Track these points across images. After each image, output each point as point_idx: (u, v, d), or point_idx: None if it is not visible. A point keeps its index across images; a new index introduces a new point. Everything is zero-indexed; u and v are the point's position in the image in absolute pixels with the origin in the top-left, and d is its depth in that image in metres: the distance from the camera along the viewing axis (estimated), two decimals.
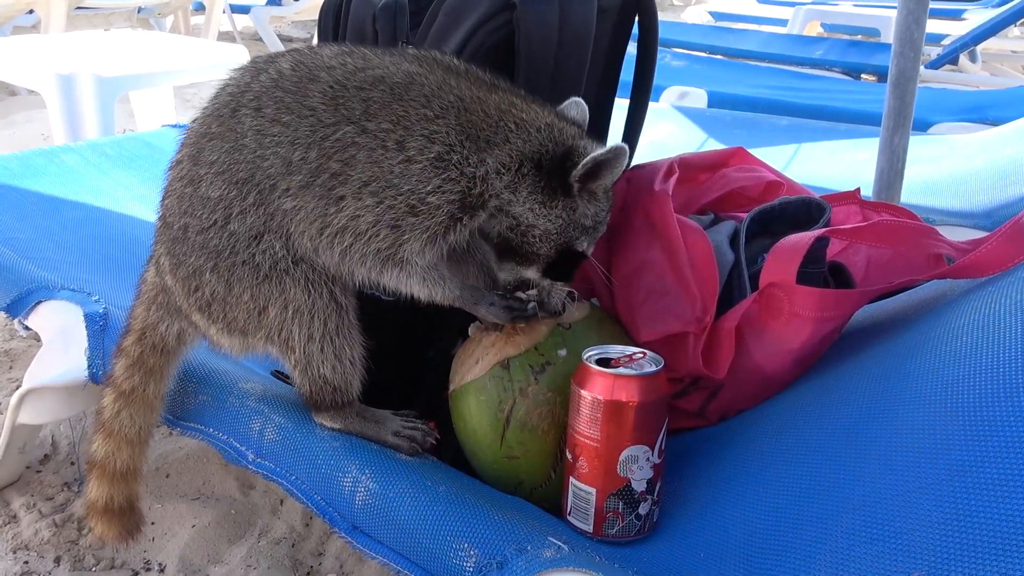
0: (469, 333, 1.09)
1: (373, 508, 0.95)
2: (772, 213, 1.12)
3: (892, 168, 1.58)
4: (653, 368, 0.90)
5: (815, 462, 0.88)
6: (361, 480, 0.97)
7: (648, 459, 0.89)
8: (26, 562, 1.40)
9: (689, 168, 1.20)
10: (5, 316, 1.57)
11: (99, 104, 2.33)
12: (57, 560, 1.41)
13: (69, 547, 1.43)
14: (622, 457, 0.88)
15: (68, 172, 2.03)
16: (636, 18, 1.18)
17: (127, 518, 1.18)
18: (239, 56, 2.74)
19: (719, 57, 4.49)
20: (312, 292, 0.98)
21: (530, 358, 0.99)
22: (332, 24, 1.17)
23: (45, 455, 1.65)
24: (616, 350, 0.94)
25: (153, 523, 1.52)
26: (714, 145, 2.59)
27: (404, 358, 1.21)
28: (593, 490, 0.90)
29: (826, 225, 1.10)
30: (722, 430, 1.04)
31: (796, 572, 0.78)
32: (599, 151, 0.91)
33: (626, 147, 0.91)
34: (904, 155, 1.57)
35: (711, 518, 0.90)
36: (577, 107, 1.01)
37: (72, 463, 1.63)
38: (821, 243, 1.04)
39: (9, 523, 1.48)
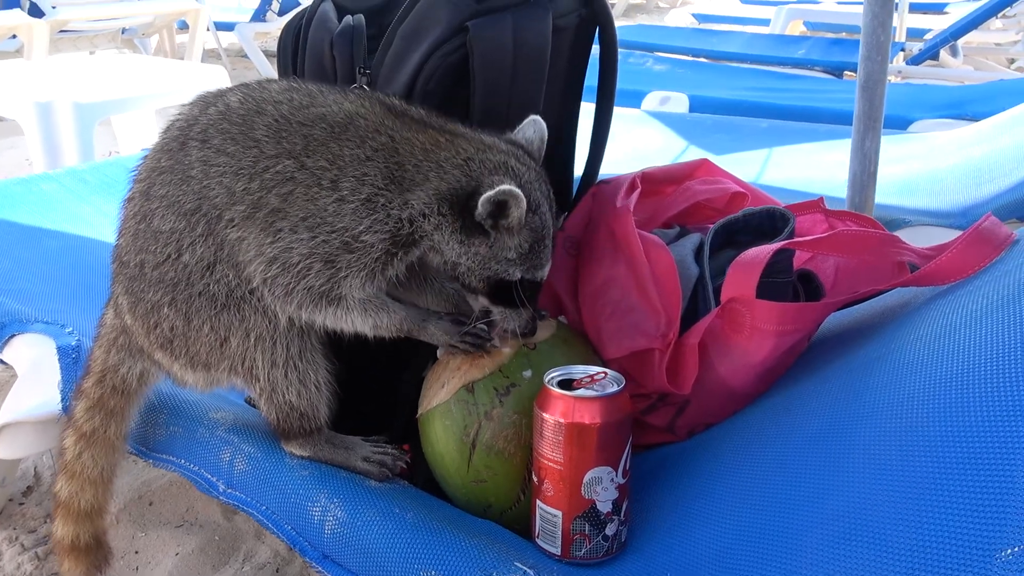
0: (438, 356, 1.09)
1: (342, 537, 0.95)
2: (736, 224, 1.13)
3: (865, 171, 1.59)
4: (615, 388, 0.90)
5: (782, 477, 0.88)
6: (330, 509, 0.97)
7: (612, 480, 0.89)
8: None
9: (653, 182, 1.20)
10: None
11: (78, 130, 2.33)
12: None
13: None
14: (586, 479, 0.88)
15: (47, 200, 2.03)
16: (595, 33, 1.19)
17: (94, 554, 1.18)
18: (218, 77, 2.74)
19: (702, 60, 4.50)
20: (272, 317, 0.98)
21: (495, 381, 0.99)
22: (291, 48, 1.17)
23: (28, 487, 1.65)
24: (579, 370, 0.94)
25: (137, 552, 1.52)
26: (695, 150, 2.59)
27: (377, 381, 1.21)
28: (559, 513, 0.90)
29: (790, 235, 1.10)
30: (691, 446, 1.04)
31: None
32: (490, 191, 0.90)
33: (520, 194, 0.90)
34: (876, 158, 1.58)
35: (680, 536, 0.90)
36: (533, 126, 1.01)
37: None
38: (785, 254, 1.04)
39: None
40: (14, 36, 4.37)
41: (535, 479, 0.92)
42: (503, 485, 0.98)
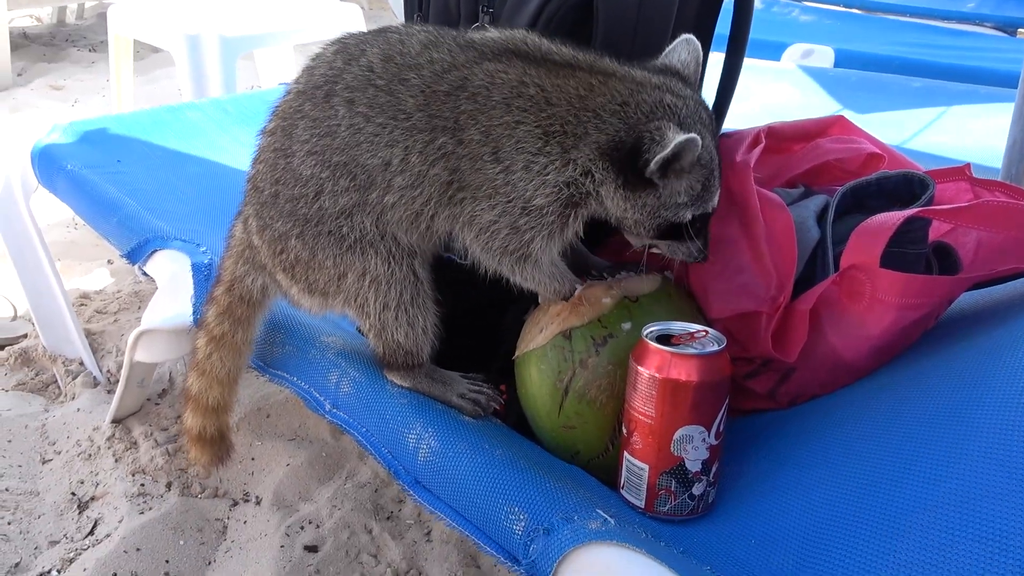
0: (539, 300, 1.09)
1: (434, 465, 0.98)
2: (868, 188, 1.05)
3: None
4: (715, 348, 0.87)
5: (887, 458, 0.84)
6: (424, 437, 1.00)
7: (704, 440, 0.87)
8: (142, 484, 1.56)
9: (779, 138, 1.13)
10: None
11: (222, 63, 2.46)
12: (168, 485, 1.55)
13: (179, 474, 1.57)
14: (676, 436, 0.87)
15: (192, 128, 2.17)
16: None
17: (218, 446, 1.28)
18: (353, 16, 2.81)
19: (855, 11, 4.16)
20: (392, 264, 1.01)
21: (592, 330, 0.98)
22: None
23: (163, 389, 1.81)
24: (679, 327, 0.91)
25: (253, 459, 1.64)
26: (837, 108, 2.43)
27: (481, 320, 1.23)
28: (646, 466, 0.89)
29: (928, 203, 1.01)
30: (792, 415, 1.00)
31: (850, 572, 0.75)
32: (665, 151, 0.86)
33: (696, 138, 0.86)
34: None
35: (768, 506, 0.88)
36: (687, 46, 0.96)
37: None
38: (919, 223, 0.97)
39: (130, 449, 1.64)
40: None
41: (625, 431, 0.92)
42: (592, 433, 0.98)
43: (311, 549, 1.42)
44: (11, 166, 1.82)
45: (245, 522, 1.51)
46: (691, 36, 0.97)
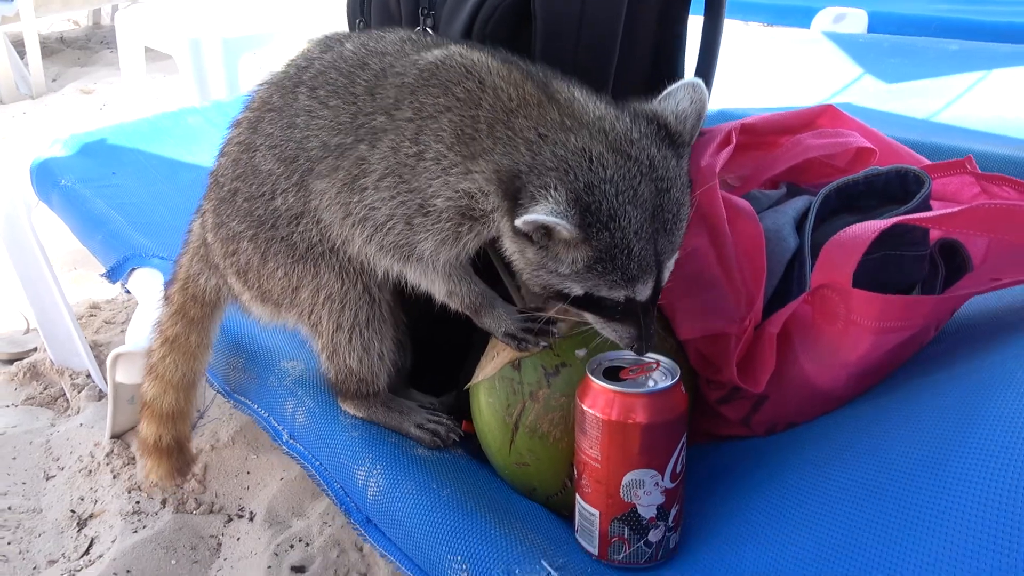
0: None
1: (382, 504, 0.93)
2: (855, 187, 0.94)
3: None
4: (667, 383, 0.79)
5: (863, 505, 0.74)
6: (373, 474, 0.95)
7: (657, 484, 0.79)
8: (138, 502, 1.55)
9: (757, 133, 1.02)
10: None
11: (225, 65, 2.43)
12: (164, 502, 1.54)
13: (175, 491, 1.56)
14: (625, 481, 0.79)
15: (191, 133, 2.14)
16: None
17: (176, 458, 1.24)
18: None
19: None
20: (345, 281, 0.96)
21: (543, 358, 0.90)
22: None
23: None
24: (631, 357, 0.83)
25: (249, 472, 1.62)
26: (861, 76, 2.26)
27: (450, 344, 1.17)
28: (597, 512, 0.81)
29: (924, 201, 0.90)
30: (767, 445, 0.91)
31: None
32: (520, 218, 0.74)
33: (542, 220, 0.73)
34: None
35: (730, 556, 0.79)
36: (692, 94, 0.79)
37: None
38: (904, 227, 0.85)
39: (128, 464, 1.64)
40: None
41: (576, 472, 0.84)
42: (547, 470, 0.91)
43: (298, 570, 1.39)
44: (14, 181, 1.83)
45: (238, 539, 1.49)
46: (698, 81, 0.81)
